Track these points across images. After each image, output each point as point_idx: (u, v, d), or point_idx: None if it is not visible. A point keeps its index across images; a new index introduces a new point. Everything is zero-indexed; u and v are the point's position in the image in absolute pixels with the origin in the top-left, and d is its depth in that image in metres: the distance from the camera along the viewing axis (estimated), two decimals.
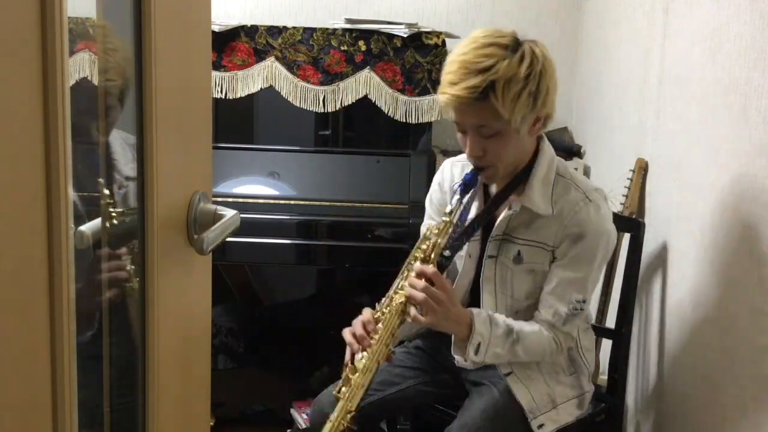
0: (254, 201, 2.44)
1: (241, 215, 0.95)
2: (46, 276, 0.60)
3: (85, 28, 0.74)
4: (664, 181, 1.97)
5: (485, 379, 1.66)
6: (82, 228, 0.69)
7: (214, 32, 2.49)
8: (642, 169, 2.07)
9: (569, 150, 2.75)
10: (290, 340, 2.69)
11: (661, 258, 1.96)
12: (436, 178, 1.78)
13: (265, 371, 2.73)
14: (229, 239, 0.95)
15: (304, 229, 2.43)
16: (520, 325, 1.57)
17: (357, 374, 1.51)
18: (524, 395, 1.62)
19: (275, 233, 2.38)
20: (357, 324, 1.59)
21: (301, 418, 2.51)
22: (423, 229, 1.69)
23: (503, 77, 1.41)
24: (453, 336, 1.58)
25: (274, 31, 2.56)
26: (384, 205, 2.41)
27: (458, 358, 1.60)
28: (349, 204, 2.44)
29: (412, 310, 1.52)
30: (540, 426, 1.61)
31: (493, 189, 1.66)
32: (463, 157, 1.65)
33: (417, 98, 2.55)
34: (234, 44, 2.55)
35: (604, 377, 2.05)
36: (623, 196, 2.10)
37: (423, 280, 1.50)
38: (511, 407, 1.60)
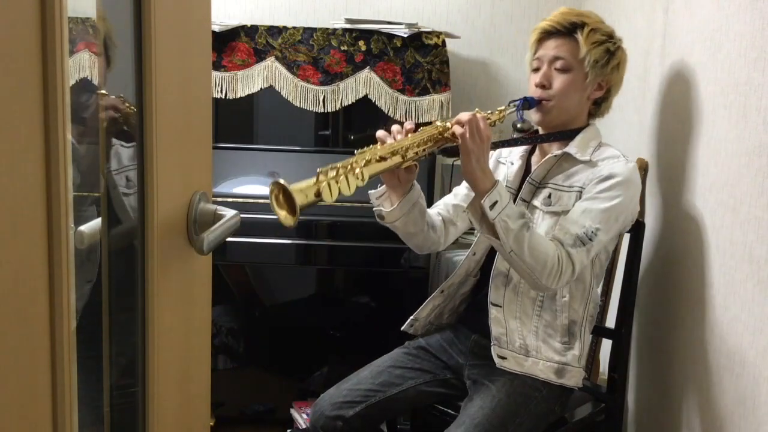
0: (254, 201, 2.44)
1: (241, 215, 0.95)
2: (46, 276, 0.60)
3: (85, 28, 0.74)
4: (664, 181, 1.97)
5: (485, 378, 1.67)
6: (82, 228, 0.69)
7: (214, 32, 2.49)
8: (642, 169, 2.07)
9: None
10: (290, 340, 2.69)
11: (661, 258, 1.96)
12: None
13: (265, 371, 2.72)
14: (229, 239, 0.95)
15: (304, 229, 2.43)
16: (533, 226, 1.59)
17: (379, 146, 1.49)
18: (497, 326, 1.67)
19: (275, 233, 2.38)
20: (395, 125, 1.58)
21: (301, 418, 2.51)
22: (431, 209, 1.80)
23: (593, 24, 1.69)
24: (471, 189, 1.58)
25: (274, 31, 2.56)
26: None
27: (470, 210, 1.56)
28: (349, 204, 2.44)
29: (455, 126, 1.51)
30: (501, 357, 1.64)
31: (534, 166, 1.77)
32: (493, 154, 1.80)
33: (417, 98, 2.55)
34: (234, 44, 2.55)
35: (604, 377, 2.05)
36: None
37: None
38: (509, 405, 1.60)
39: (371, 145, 1.50)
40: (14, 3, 0.55)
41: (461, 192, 1.84)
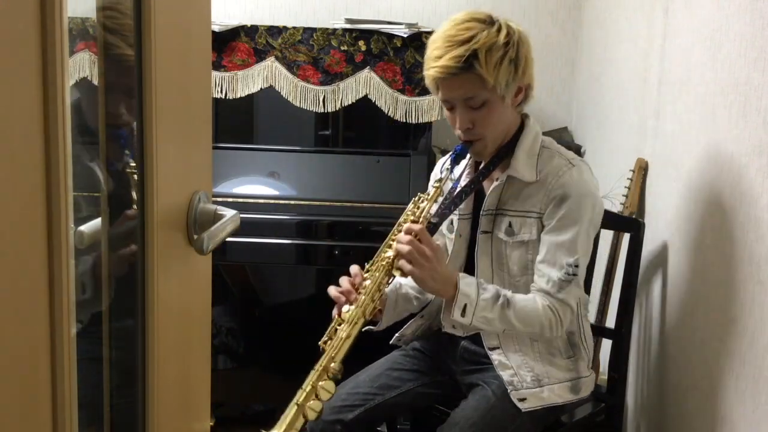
0: (254, 201, 2.44)
1: (241, 215, 0.95)
2: (46, 276, 0.60)
3: (85, 28, 0.74)
4: (664, 181, 1.97)
5: (481, 380, 1.66)
6: (82, 228, 0.69)
7: (214, 32, 2.49)
8: (642, 169, 2.07)
9: (569, 150, 2.75)
10: (290, 340, 2.69)
11: (661, 258, 1.96)
12: (432, 176, 1.81)
13: (265, 371, 2.72)
14: (229, 239, 0.95)
15: (304, 229, 2.43)
16: (511, 293, 1.58)
17: (343, 325, 1.49)
18: (505, 370, 1.64)
19: (275, 233, 2.38)
20: (343, 279, 1.59)
21: None
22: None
23: (484, 45, 1.51)
24: (443, 303, 1.60)
25: (274, 31, 2.56)
26: (384, 205, 2.41)
27: (445, 324, 1.60)
28: (349, 204, 2.44)
29: (400, 261, 1.52)
30: (521, 399, 1.61)
31: (485, 188, 1.69)
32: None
33: (417, 98, 2.55)
34: (234, 44, 2.55)
35: (604, 377, 2.05)
36: (623, 196, 2.10)
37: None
38: (503, 405, 1.59)
39: (332, 328, 1.53)
40: (14, 3, 0.55)
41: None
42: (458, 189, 1.67)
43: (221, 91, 2.54)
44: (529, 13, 2.94)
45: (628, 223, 1.95)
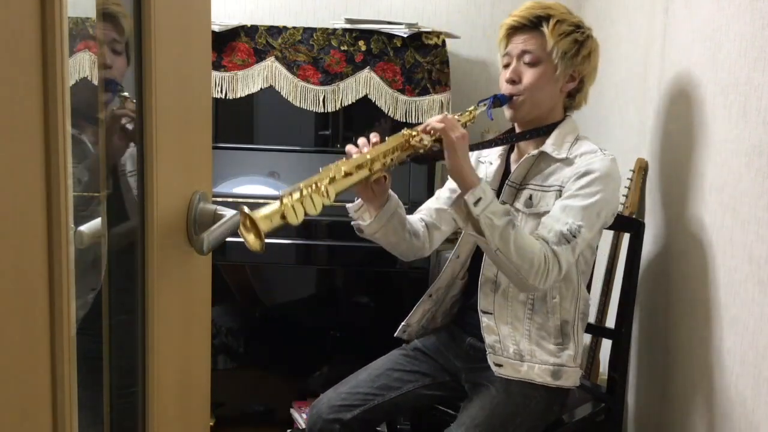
0: (254, 201, 2.44)
1: None
2: (46, 276, 0.60)
3: (85, 28, 0.74)
4: (664, 181, 1.97)
5: (485, 380, 1.67)
6: (82, 228, 0.69)
7: (214, 32, 2.49)
8: (642, 169, 2.07)
9: None
10: (290, 340, 2.69)
11: (661, 258, 1.96)
12: (447, 185, 1.84)
13: (265, 371, 2.73)
14: (229, 239, 0.95)
15: (304, 229, 2.43)
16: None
17: (346, 163, 1.43)
18: (490, 334, 1.66)
19: (275, 233, 2.37)
20: (361, 139, 1.54)
21: (301, 418, 2.51)
22: (415, 214, 1.80)
23: (558, 15, 1.66)
24: (449, 183, 1.64)
25: (274, 31, 2.56)
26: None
27: (454, 208, 1.53)
28: (349, 204, 2.44)
29: (433, 123, 1.51)
30: (498, 365, 1.63)
31: (513, 165, 1.75)
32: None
33: (417, 98, 2.55)
34: (234, 44, 2.55)
35: (604, 377, 2.05)
36: (623, 196, 2.10)
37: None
38: (507, 405, 1.60)
39: (336, 162, 1.44)
40: (14, 3, 0.55)
41: (443, 195, 1.82)
42: (492, 173, 1.76)
43: (221, 91, 2.54)
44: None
45: (628, 223, 1.95)
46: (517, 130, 1.75)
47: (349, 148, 1.52)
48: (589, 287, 2.00)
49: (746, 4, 1.50)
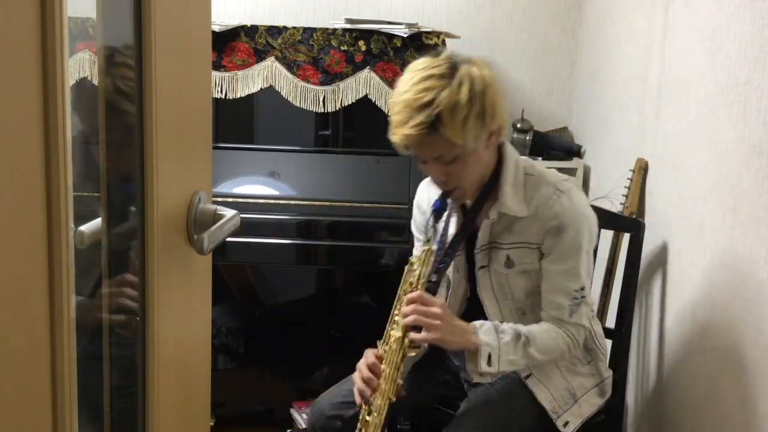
0: (254, 201, 2.44)
1: (241, 215, 0.95)
2: (46, 276, 0.60)
3: (85, 28, 0.74)
4: (664, 181, 1.97)
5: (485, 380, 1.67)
6: (82, 228, 0.69)
7: (214, 32, 2.49)
8: (642, 169, 2.07)
9: (569, 150, 2.75)
10: (290, 340, 2.69)
11: (661, 258, 1.96)
12: (415, 202, 1.78)
13: (265, 371, 2.72)
14: (229, 239, 0.95)
15: (304, 229, 2.43)
16: (528, 328, 1.57)
17: (372, 415, 1.54)
18: (545, 396, 1.63)
19: (275, 233, 2.38)
20: (363, 368, 1.58)
21: (301, 418, 2.51)
22: (415, 253, 1.72)
23: (447, 107, 1.42)
24: (465, 353, 1.57)
25: (274, 31, 2.56)
26: (384, 205, 2.41)
27: (474, 376, 1.58)
28: (349, 204, 2.44)
29: (412, 334, 1.50)
30: (565, 424, 1.63)
31: (469, 203, 1.65)
32: None
33: None
34: (234, 44, 2.55)
35: None
36: (623, 196, 2.10)
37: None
38: (508, 405, 1.60)
39: (363, 419, 1.56)
40: (14, 3, 0.55)
41: (418, 219, 1.76)
42: (451, 236, 1.63)
43: (221, 91, 2.54)
44: (529, 13, 2.94)
45: (628, 223, 1.95)
46: (469, 203, 1.65)
47: (359, 386, 1.56)
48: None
49: (746, 4, 1.50)
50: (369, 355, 1.59)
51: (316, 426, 1.69)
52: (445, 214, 1.61)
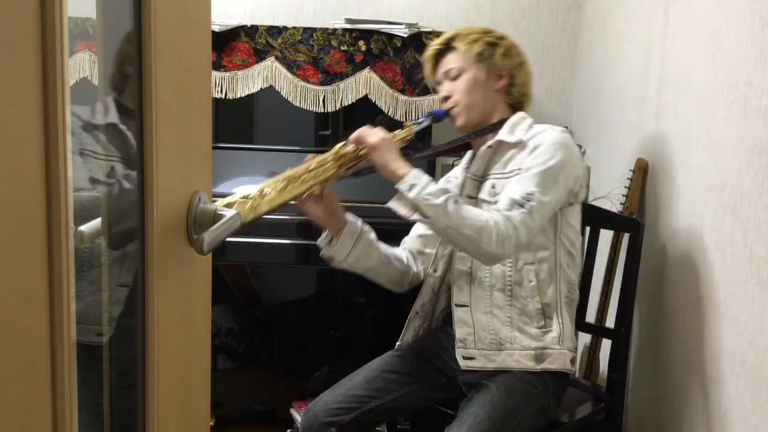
0: None
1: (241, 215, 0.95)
2: (46, 276, 0.60)
3: (85, 28, 0.74)
4: (664, 181, 1.97)
5: (483, 379, 1.66)
6: (82, 228, 0.69)
7: (214, 32, 2.49)
8: (642, 169, 2.07)
9: None
10: (290, 340, 2.69)
11: (661, 258, 1.96)
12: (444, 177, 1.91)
13: (265, 371, 2.73)
14: (229, 239, 0.95)
15: (304, 229, 2.43)
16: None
17: (282, 177, 1.55)
18: (462, 327, 1.68)
19: (275, 233, 2.38)
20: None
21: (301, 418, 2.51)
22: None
23: (464, 31, 1.79)
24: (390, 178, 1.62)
25: (274, 31, 2.56)
26: (384, 205, 2.41)
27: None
28: (349, 204, 2.43)
29: (350, 137, 1.61)
30: (468, 358, 1.66)
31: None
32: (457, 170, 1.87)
33: (417, 98, 2.55)
34: (234, 44, 2.55)
35: (604, 377, 2.05)
36: (623, 196, 2.10)
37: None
38: (509, 402, 1.60)
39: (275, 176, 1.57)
40: (14, 3, 0.55)
41: (420, 226, 1.85)
42: (459, 179, 1.82)
43: (221, 91, 2.54)
44: (529, 13, 2.94)
45: (628, 223, 1.95)
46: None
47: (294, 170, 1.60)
48: (588, 287, 2.00)
49: (746, 4, 1.50)
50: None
51: (311, 429, 1.68)
52: (460, 164, 1.86)
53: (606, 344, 2.03)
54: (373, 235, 1.74)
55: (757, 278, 1.42)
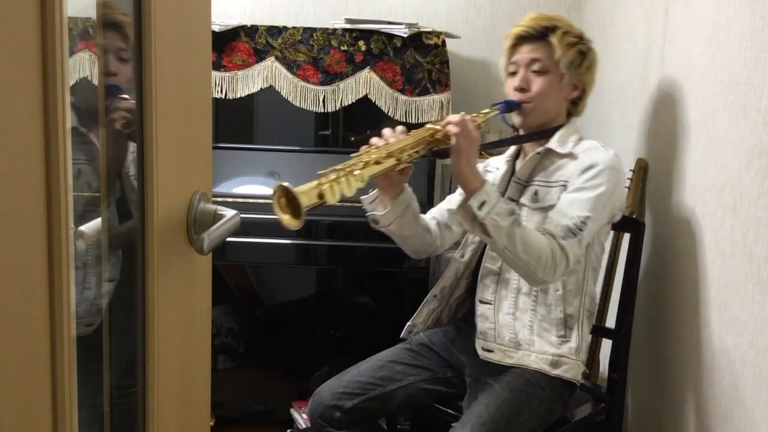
0: (254, 201, 2.44)
1: (241, 215, 0.95)
2: (46, 276, 0.60)
3: (85, 28, 0.74)
4: (664, 181, 1.97)
5: (489, 377, 1.67)
6: (82, 228, 0.69)
7: (214, 32, 2.49)
8: (642, 169, 2.07)
9: None
10: (290, 340, 2.69)
11: (661, 258, 1.96)
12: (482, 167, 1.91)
13: (265, 371, 2.72)
14: (229, 239, 0.95)
15: (304, 229, 2.43)
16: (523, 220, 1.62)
17: (377, 151, 1.48)
18: (484, 321, 1.70)
19: (275, 233, 2.38)
20: (386, 129, 1.60)
21: (301, 418, 2.51)
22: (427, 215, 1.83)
23: (564, 26, 1.75)
24: (460, 188, 1.62)
25: (274, 31, 2.56)
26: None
27: (458, 213, 1.58)
28: (349, 204, 2.43)
29: (449, 126, 1.55)
30: (487, 350, 1.68)
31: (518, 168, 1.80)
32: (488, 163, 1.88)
33: (417, 98, 2.55)
34: (234, 44, 2.55)
35: (604, 377, 2.05)
36: None
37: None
38: (514, 403, 1.60)
39: (365, 148, 1.52)
40: (14, 3, 0.55)
41: (455, 198, 1.85)
42: (499, 177, 1.82)
43: (221, 91, 2.54)
44: (528, 13, 2.93)
45: (628, 223, 1.95)
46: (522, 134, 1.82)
47: (376, 139, 1.57)
48: None
49: (746, 4, 1.50)
50: (398, 128, 1.61)
51: (315, 414, 1.70)
52: (502, 158, 1.86)
53: (606, 344, 2.03)
54: (417, 206, 1.74)
55: (757, 278, 1.42)
